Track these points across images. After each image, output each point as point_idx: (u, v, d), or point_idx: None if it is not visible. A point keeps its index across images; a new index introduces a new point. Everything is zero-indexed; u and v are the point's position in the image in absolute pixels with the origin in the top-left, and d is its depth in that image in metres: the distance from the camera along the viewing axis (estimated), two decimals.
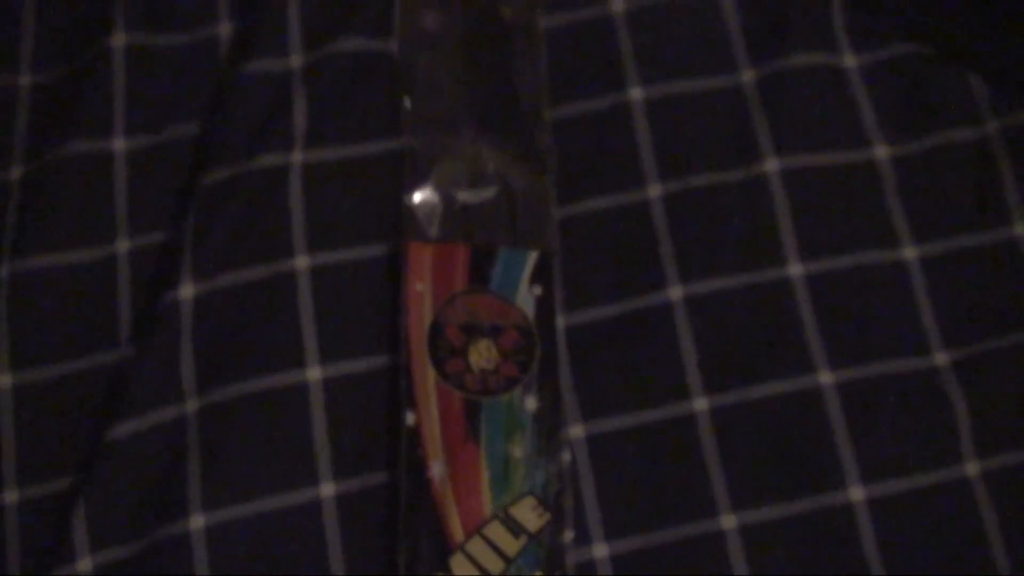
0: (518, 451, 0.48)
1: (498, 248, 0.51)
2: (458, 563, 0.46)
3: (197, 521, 0.48)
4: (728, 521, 0.48)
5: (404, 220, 0.51)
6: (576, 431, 0.50)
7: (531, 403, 0.49)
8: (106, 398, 0.50)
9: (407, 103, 0.53)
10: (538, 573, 0.47)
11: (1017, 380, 0.50)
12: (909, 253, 0.52)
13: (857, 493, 0.49)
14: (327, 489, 0.48)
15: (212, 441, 0.49)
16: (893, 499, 0.49)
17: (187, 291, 0.51)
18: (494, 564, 0.47)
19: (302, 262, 0.51)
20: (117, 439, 0.49)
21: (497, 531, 0.47)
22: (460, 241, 0.51)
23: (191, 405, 0.49)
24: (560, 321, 0.51)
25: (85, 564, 0.47)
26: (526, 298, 0.50)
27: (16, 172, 0.54)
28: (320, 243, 0.51)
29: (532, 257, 0.51)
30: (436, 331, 0.49)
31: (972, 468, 0.49)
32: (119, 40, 0.55)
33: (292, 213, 0.52)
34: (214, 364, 0.50)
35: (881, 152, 0.53)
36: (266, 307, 0.51)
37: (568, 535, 0.48)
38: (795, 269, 0.52)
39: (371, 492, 0.49)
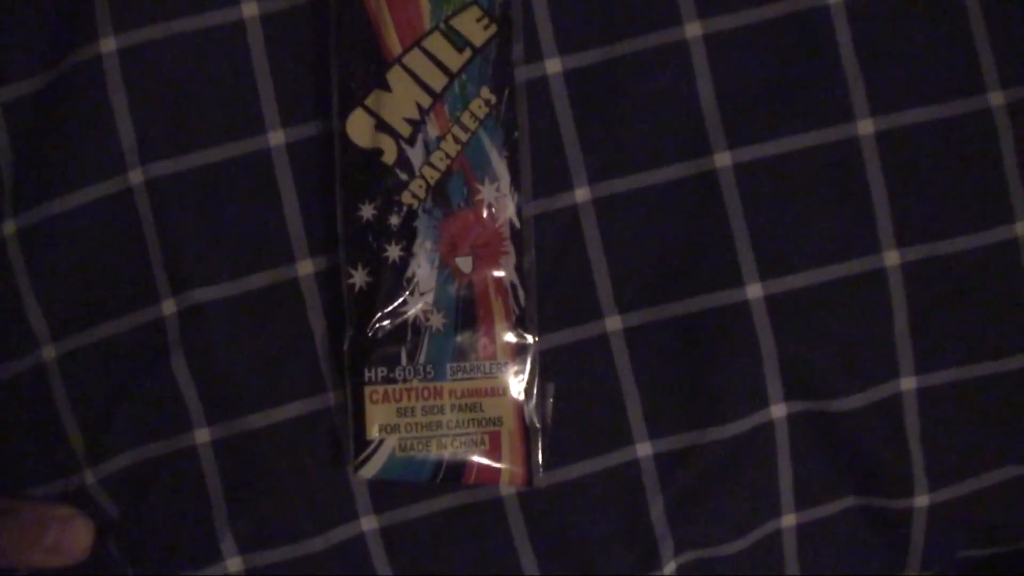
0: None
1: None
2: (396, 77, 0.43)
3: (108, 44, 0.43)
4: (692, 29, 0.44)
5: None
6: None
7: None
8: None
9: None
10: (484, 88, 0.43)
11: None
12: None
13: None
14: (250, 9, 0.44)
15: None
16: None
17: None
18: (436, 79, 0.43)
19: None
20: None
21: (438, 43, 0.43)
22: None
23: None
24: None
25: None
26: None
27: None
28: None
29: None
30: None
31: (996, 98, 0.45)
32: None
33: None
34: None
35: None
36: None
37: (517, 49, 0.44)
38: None
39: (299, 10, 0.44)
